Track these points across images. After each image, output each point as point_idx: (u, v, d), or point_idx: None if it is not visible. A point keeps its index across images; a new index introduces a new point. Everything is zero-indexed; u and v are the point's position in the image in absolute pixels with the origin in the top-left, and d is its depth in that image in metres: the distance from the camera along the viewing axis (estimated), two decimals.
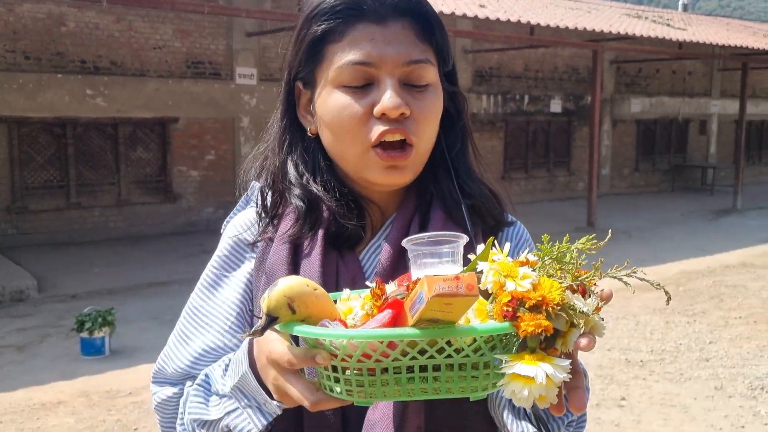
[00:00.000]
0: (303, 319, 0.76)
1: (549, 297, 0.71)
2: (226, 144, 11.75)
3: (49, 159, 10.30)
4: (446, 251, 0.73)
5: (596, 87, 12.01)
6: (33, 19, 9.95)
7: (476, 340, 0.71)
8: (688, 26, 16.06)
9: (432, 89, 0.96)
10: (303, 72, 0.98)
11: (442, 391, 0.73)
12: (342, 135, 0.95)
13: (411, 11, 0.95)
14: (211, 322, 1.02)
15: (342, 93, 0.93)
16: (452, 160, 1.03)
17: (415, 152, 0.95)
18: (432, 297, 0.66)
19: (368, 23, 0.93)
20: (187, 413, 0.97)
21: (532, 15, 11.64)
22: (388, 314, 0.73)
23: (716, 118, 20.13)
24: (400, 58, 0.92)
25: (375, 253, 1.00)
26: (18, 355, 5.71)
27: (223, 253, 1.07)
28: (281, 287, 0.76)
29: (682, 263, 9.45)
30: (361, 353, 0.71)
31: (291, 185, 1.01)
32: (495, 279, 0.73)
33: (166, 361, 1.05)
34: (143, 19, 10.79)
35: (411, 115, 0.93)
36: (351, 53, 0.92)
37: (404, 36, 0.93)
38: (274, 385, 0.82)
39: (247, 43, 11.62)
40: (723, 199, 16.37)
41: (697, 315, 6.97)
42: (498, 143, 15.49)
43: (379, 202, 1.01)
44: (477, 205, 1.02)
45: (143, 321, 6.65)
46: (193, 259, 9.29)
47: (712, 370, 5.39)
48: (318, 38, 0.95)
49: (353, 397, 0.74)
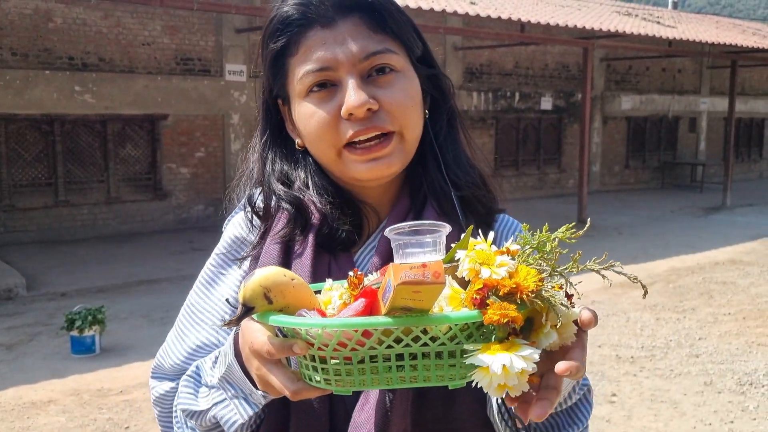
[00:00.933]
0: (280, 309, 0.76)
1: (523, 284, 0.70)
2: (215, 141, 11.71)
3: (37, 156, 10.24)
4: (428, 241, 0.72)
5: (587, 84, 12.04)
6: (20, 15, 9.88)
7: (451, 329, 0.71)
8: (678, 24, 16.12)
9: (400, 75, 0.95)
10: (275, 89, 1.00)
11: (420, 379, 0.73)
12: (315, 142, 0.96)
13: (357, 6, 0.94)
14: (207, 318, 1.03)
15: (308, 102, 0.94)
16: (440, 146, 1.02)
17: (398, 138, 0.94)
18: (398, 285, 0.65)
19: (318, 29, 0.93)
20: (177, 404, 0.99)
21: (522, 12, 11.65)
22: (362, 303, 0.73)
23: (706, 116, 20.24)
24: (356, 56, 0.92)
25: (370, 254, 1.00)
26: (7, 354, 5.67)
27: (222, 251, 1.07)
28: (257, 277, 0.75)
29: (671, 260, 9.49)
30: (336, 342, 0.71)
31: (277, 194, 1.01)
32: (471, 266, 0.72)
33: (164, 356, 1.06)
34: (132, 15, 10.73)
35: (381, 107, 0.92)
36: (308, 63, 0.93)
37: (356, 32, 0.93)
38: (257, 375, 0.82)
39: (237, 39, 11.58)
40: (712, 196, 16.45)
41: (687, 312, 7.00)
42: (488, 140, 15.51)
43: (373, 203, 1.02)
44: (467, 197, 1.02)
45: (133, 319, 6.62)
46: (183, 256, 9.26)
47: (701, 366, 5.42)
48: (278, 54, 0.96)
49: (332, 386, 0.75)
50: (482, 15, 10.60)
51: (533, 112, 16.24)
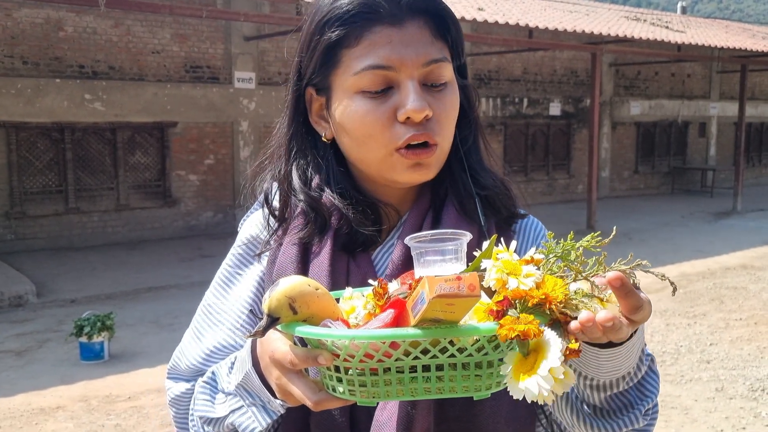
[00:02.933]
0: (305, 319, 0.76)
1: (552, 295, 0.70)
2: (224, 148, 11.74)
3: (47, 164, 10.29)
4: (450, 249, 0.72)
5: (595, 90, 12.01)
6: (31, 24, 9.95)
7: (479, 340, 0.70)
8: (687, 29, 16.07)
9: (450, 87, 0.96)
10: (316, 78, 0.97)
11: (446, 390, 0.73)
12: (365, 140, 0.94)
13: (426, 10, 0.93)
14: (224, 319, 1.03)
15: (362, 98, 0.92)
16: (465, 153, 1.02)
17: (438, 150, 0.94)
18: (433, 298, 0.65)
19: (384, 26, 0.91)
20: (194, 410, 0.98)
21: (530, 18, 11.65)
22: (391, 314, 0.72)
23: (715, 121, 20.14)
24: (419, 60, 0.91)
25: (388, 253, 0.99)
26: (17, 360, 5.69)
27: (238, 252, 1.07)
28: (282, 287, 0.75)
29: (682, 265, 9.43)
30: (363, 353, 0.70)
31: (295, 191, 1.00)
32: (498, 276, 0.72)
33: (179, 357, 1.06)
34: (141, 23, 10.79)
35: (432, 116, 0.92)
36: (369, 58, 0.91)
37: (421, 36, 0.92)
38: (277, 385, 0.82)
39: (246, 47, 11.62)
40: (723, 201, 16.36)
41: (698, 317, 6.95)
42: (497, 146, 15.48)
43: (394, 203, 1.01)
44: (491, 196, 1.01)
45: (142, 325, 6.63)
46: (192, 263, 9.28)
47: (712, 372, 5.38)
48: (333, 44, 0.93)
49: (356, 397, 0.74)
50: (490, 21, 10.60)
51: (542, 118, 16.21)
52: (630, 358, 0.85)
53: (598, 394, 0.92)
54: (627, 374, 0.89)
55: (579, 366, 0.87)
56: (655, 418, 0.97)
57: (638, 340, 0.85)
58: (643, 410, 0.94)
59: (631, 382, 0.91)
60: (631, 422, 0.93)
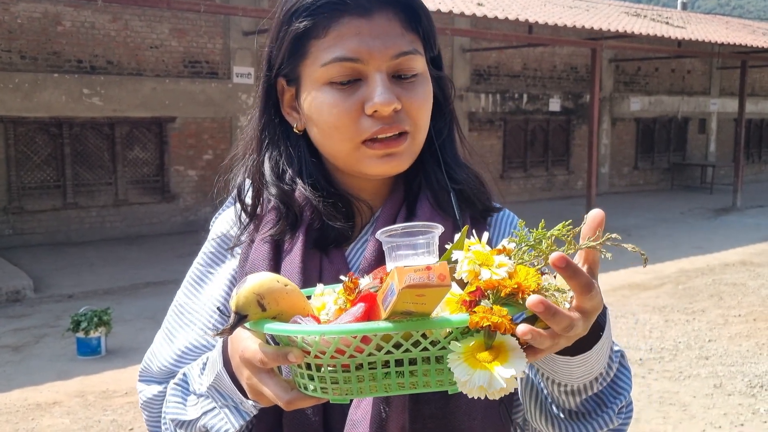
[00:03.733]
0: (274, 316, 0.74)
1: (525, 284, 0.69)
2: (223, 143, 11.72)
3: (45, 159, 10.27)
4: (421, 242, 0.71)
5: (595, 85, 11.98)
6: (29, 19, 9.92)
7: (451, 332, 0.69)
8: (687, 24, 16.03)
9: (421, 78, 0.93)
10: (286, 69, 0.95)
11: (420, 385, 0.71)
12: (331, 132, 0.92)
13: (396, 1, 0.91)
14: (195, 319, 1.01)
15: (330, 90, 0.90)
16: (440, 146, 1.01)
17: (410, 139, 0.93)
18: (403, 288, 0.63)
19: (353, 17, 0.89)
20: (166, 413, 0.96)
21: (530, 13, 11.61)
22: (361, 308, 0.70)
23: (715, 117, 20.12)
24: (388, 52, 0.89)
25: (361, 249, 0.98)
26: (14, 355, 5.68)
27: (209, 250, 1.05)
28: (250, 284, 0.73)
29: (681, 261, 9.42)
30: (334, 349, 0.69)
31: (267, 184, 0.98)
32: (470, 268, 0.71)
33: (151, 358, 1.04)
34: (140, 18, 10.75)
35: (402, 108, 0.91)
36: (337, 49, 0.89)
37: (390, 27, 0.90)
38: (248, 385, 0.80)
39: (244, 42, 11.59)
40: (722, 198, 16.35)
41: (697, 313, 6.94)
42: (497, 142, 15.46)
43: (367, 197, 0.99)
44: (465, 190, 1.00)
45: (139, 321, 6.62)
46: (190, 258, 9.12)
47: (711, 368, 5.37)
48: (300, 34, 0.91)
49: (329, 395, 0.72)
50: (490, 16, 10.57)
51: (541, 114, 16.18)
52: (600, 360, 0.84)
53: (573, 398, 0.90)
54: (599, 375, 0.88)
55: (551, 374, 0.86)
56: (629, 416, 0.95)
57: (606, 340, 0.83)
58: (617, 409, 0.92)
59: (604, 383, 0.90)
60: (605, 423, 0.91)
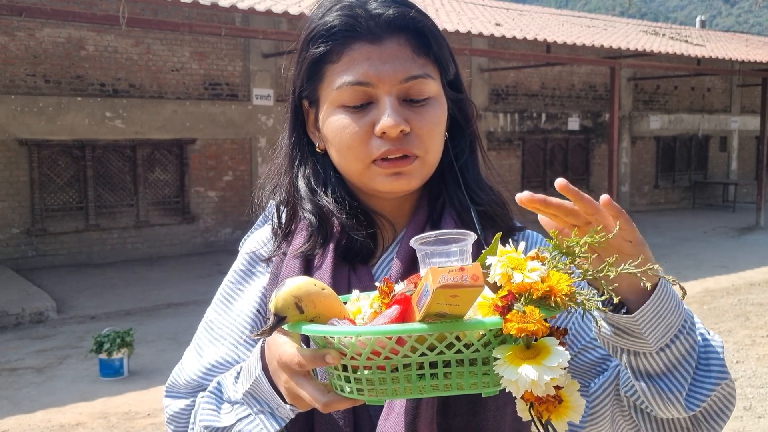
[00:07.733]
0: (311, 319, 0.76)
1: (557, 287, 0.69)
2: (243, 165, 11.80)
3: (68, 181, 10.39)
4: (454, 250, 0.73)
5: (614, 104, 11.95)
6: (53, 44, 10.09)
7: (485, 335, 0.70)
8: (707, 42, 15.96)
9: (433, 102, 0.97)
10: (306, 91, 1.01)
11: (453, 387, 0.72)
12: (345, 153, 0.97)
13: (406, 27, 0.95)
14: (225, 335, 1.04)
15: (342, 113, 0.95)
16: (461, 168, 1.04)
17: (419, 162, 0.96)
18: (437, 288, 0.65)
19: (364, 43, 0.94)
20: (198, 421, 0.98)
21: (548, 33, 11.63)
22: (396, 309, 0.72)
23: (737, 134, 19.96)
24: (397, 76, 0.93)
25: (387, 266, 1.01)
26: (37, 376, 5.71)
27: (239, 268, 1.08)
28: (289, 287, 0.76)
29: (705, 281, 9.30)
30: (370, 350, 0.70)
31: (302, 199, 1.02)
32: (503, 271, 0.72)
33: (179, 373, 1.06)
34: (161, 42, 10.91)
35: (412, 131, 0.94)
36: (348, 74, 0.94)
37: (401, 53, 0.94)
38: (286, 389, 0.82)
39: (264, 64, 11.70)
40: (745, 216, 16.15)
41: (723, 334, 6.83)
42: (515, 162, 15.43)
43: (390, 216, 1.02)
44: (487, 211, 1.02)
45: (161, 342, 6.64)
46: (210, 279, 9.29)
47: (740, 391, 5.27)
48: (317, 59, 0.97)
49: (364, 396, 0.74)
50: (507, 36, 10.60)
51: (560, 133, 16.14)
52: (669, 312, 0.81)
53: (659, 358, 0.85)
54: (680, 333, 0.84)
55: (626, 341, 0.83)
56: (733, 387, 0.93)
57: (665, 297, 0.80)
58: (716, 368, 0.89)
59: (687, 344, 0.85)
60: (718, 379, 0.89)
